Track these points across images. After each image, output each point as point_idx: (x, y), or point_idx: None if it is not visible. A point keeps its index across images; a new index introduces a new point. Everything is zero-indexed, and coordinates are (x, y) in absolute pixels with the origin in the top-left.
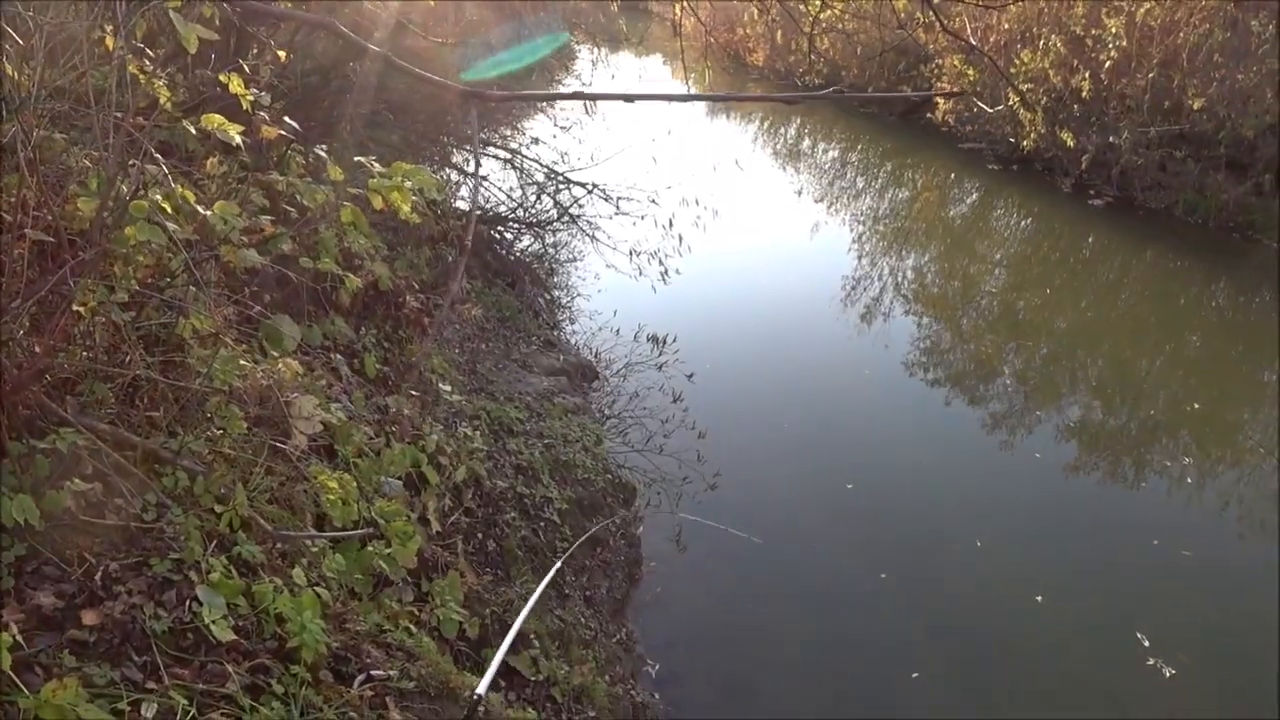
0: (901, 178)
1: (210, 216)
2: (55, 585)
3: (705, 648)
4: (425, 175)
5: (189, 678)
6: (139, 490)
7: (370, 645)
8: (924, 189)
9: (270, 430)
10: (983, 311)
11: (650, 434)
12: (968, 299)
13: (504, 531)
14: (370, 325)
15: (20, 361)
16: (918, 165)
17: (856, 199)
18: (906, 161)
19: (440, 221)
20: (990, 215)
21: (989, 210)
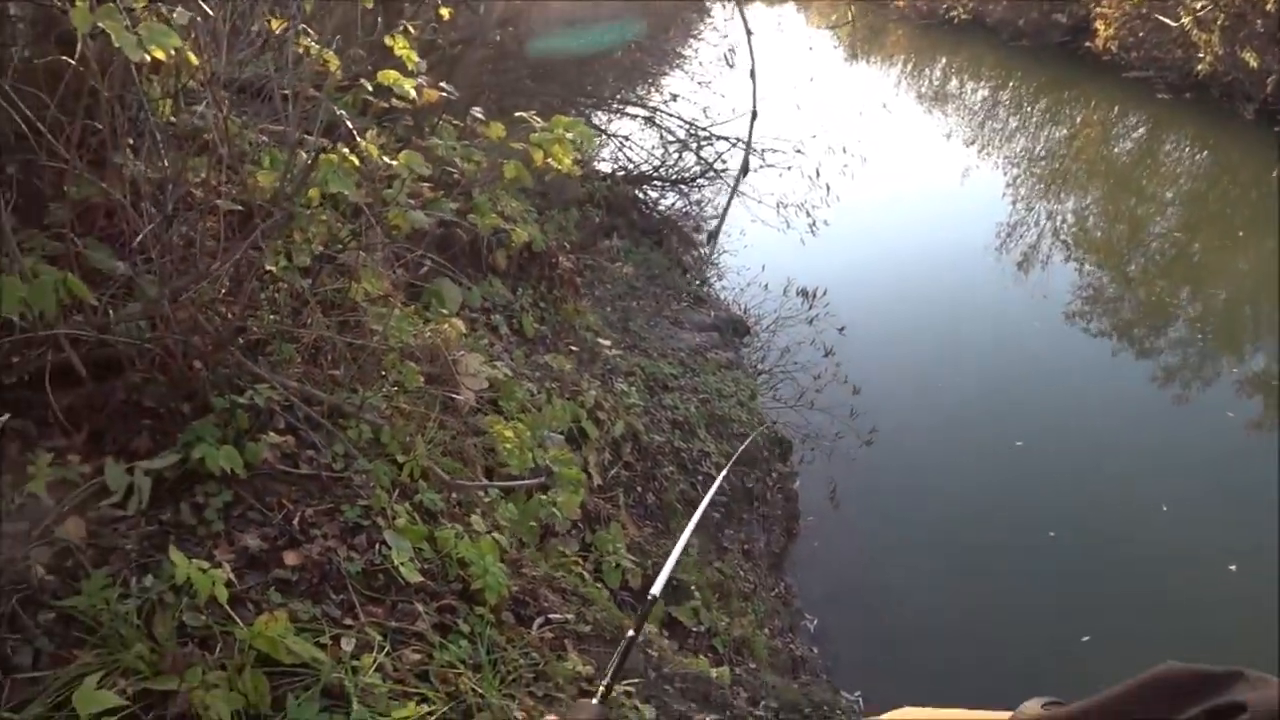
0: (1058, 114)
1: (397, 165)
2: (259, 529)
3: (863, 605)
4: (585, 128)
5: (382, 615)
6: (327, 442)
7: (546, 590)
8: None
9: (440, 387)
10: (1152, 255)
11: (803, 389)
12: (1135, 242)
13: (662, 485)
14: (526, 286)
15: (218, 323)
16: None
17: (1009, 140)
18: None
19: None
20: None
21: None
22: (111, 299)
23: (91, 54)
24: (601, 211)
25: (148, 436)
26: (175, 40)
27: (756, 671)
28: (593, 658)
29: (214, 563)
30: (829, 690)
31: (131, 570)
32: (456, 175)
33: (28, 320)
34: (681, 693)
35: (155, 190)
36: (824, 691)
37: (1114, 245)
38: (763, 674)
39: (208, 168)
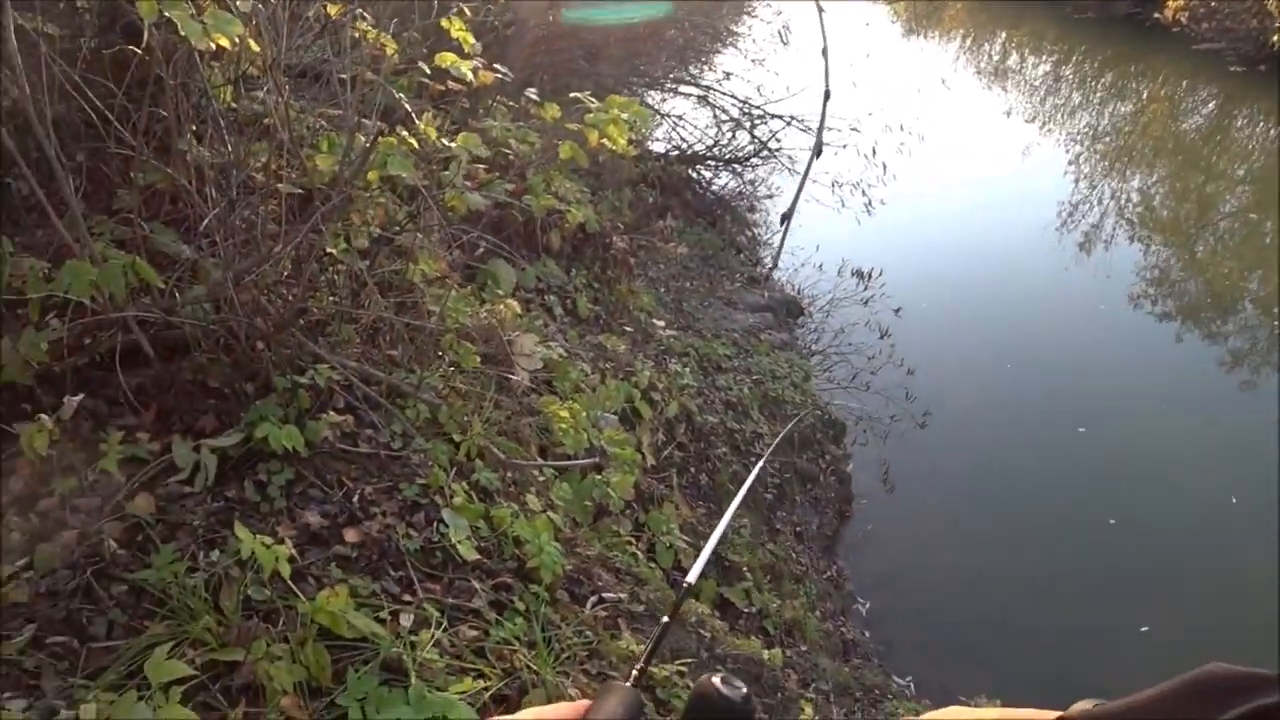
0: (1124, 89)
1: (455, 147)
2: (320, 506)
3: (916, 589)
4: (639, 108)
5: (440, 592)
6: (386, 421)
7: (600, 569)
8: (1151, 100)
9: (495, 367)
10: (1221, 236)
11: (857, 370)
12: (1203, 222)
13: (715, 466)
14: (579, 267)
15: (280, 304)
16: (1143, 73)
17: (1072, 116)
18: (1130, 70)
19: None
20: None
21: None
22: (177, 282)
23: (157, 43)
24: (655, 192)
25: (213, 415)
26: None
27: (808, 654)
28: (645, 636)
29: (277, 539)
30: (881, 674)
31: (199, 545)
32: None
33: (98, 303)
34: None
35: (218, 175)
36: (876, 675)
37: (1181, 225)
38: (814, 656)
39: (268, 152)
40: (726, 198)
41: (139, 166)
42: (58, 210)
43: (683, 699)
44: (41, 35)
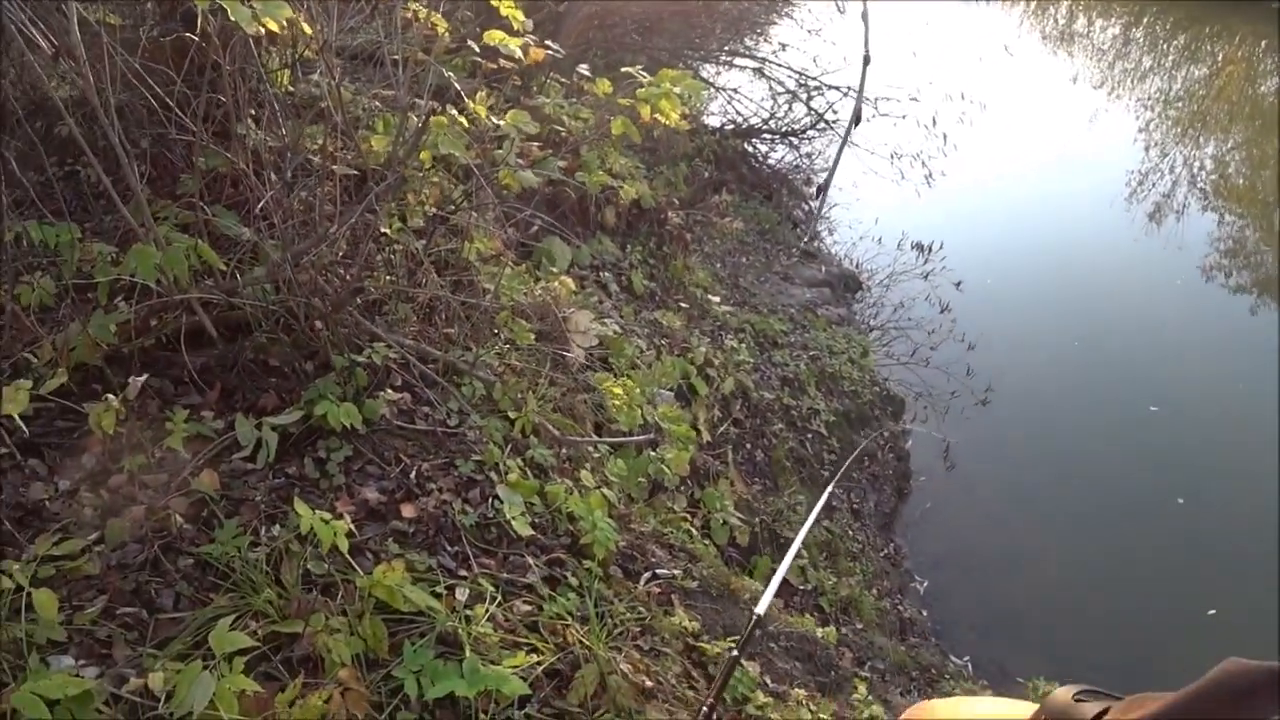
0: (1198, 51)
1: (504, 125)
2: (378, 482)
3: (975, 568)
4: (692, 81)
5: (494, 567)
6: (442, 399)
7: (654, 545)
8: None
9: (551, 344)
10: None
11: (916, 346)
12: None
13: (771, 442)
14: (635, 243)
15: (337, 284)
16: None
17: (1141, 81)
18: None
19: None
20: None
21: None
22: (238, 264)
23: (213, 30)
24: (710, 166)
25: (274, 394)
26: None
27: (863, 632)
28: (699, 613)
29: (335, 514)
30: (937, 654)
31: (260, 520)
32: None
33: (163, 286)
34: (786, 651)
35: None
36: (932, 654)
37: (1257, 194)
38: (869, 634)
39: (324, 134)
40: (783, 171)
41: (200, 151)
42: (123, 196)
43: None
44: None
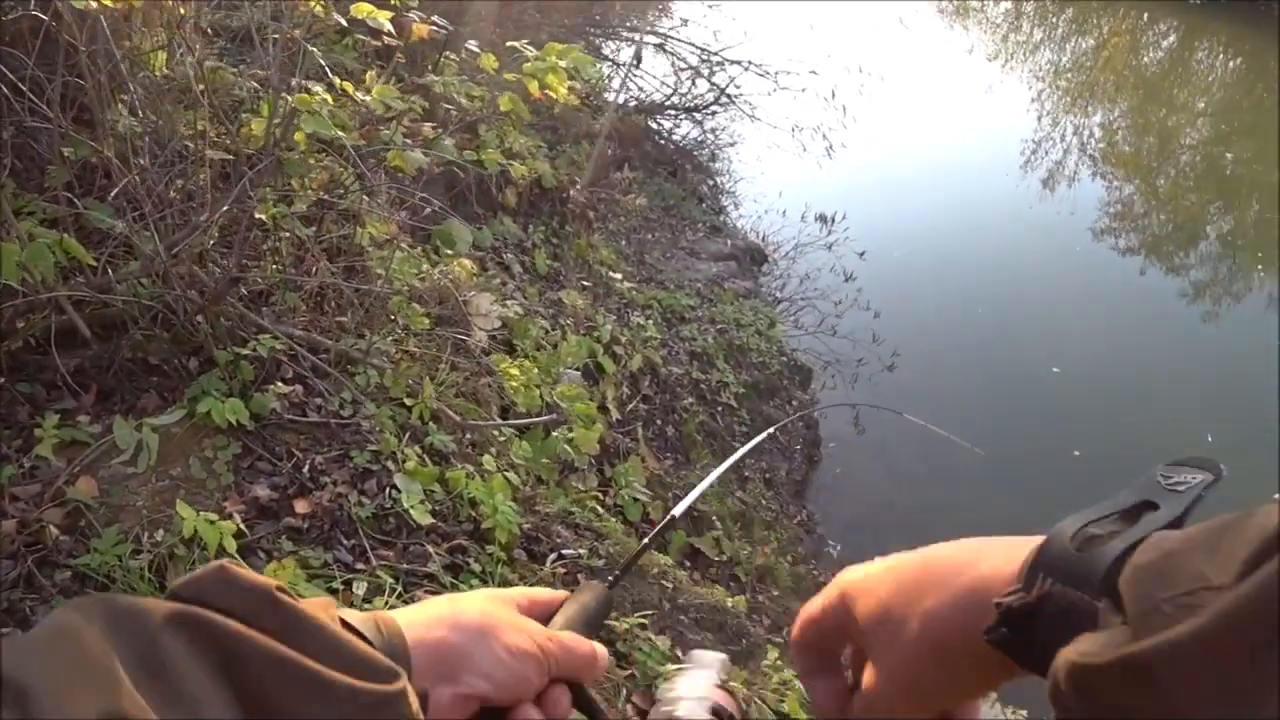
0: (1085, 24)
1: (370, 101)
2: (269, 479)
3: (887, 528)
4: (579, 54)
5: (394, 559)
6: (335, 389)
7: (559, 526)
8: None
9: (451, 328)
10: (1183, 169)
11: (823, 316)
12: (1165, 156)
13: (682, 417)
14: (537, 223)
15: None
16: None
17: (1033, 53)
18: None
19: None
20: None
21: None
22: (111, 258)
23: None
24: (614, 144)
25: (155, 393)
26: None
27: (780, 599)
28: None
29: (224, 514)
30: None
31: (143, 526)
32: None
33: (28, 285)
34: (696, 622)
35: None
36: None
37: (1143, 159)
38: (786, 601)
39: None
40: (687, 147)
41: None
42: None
43: (644, 652)
44: None
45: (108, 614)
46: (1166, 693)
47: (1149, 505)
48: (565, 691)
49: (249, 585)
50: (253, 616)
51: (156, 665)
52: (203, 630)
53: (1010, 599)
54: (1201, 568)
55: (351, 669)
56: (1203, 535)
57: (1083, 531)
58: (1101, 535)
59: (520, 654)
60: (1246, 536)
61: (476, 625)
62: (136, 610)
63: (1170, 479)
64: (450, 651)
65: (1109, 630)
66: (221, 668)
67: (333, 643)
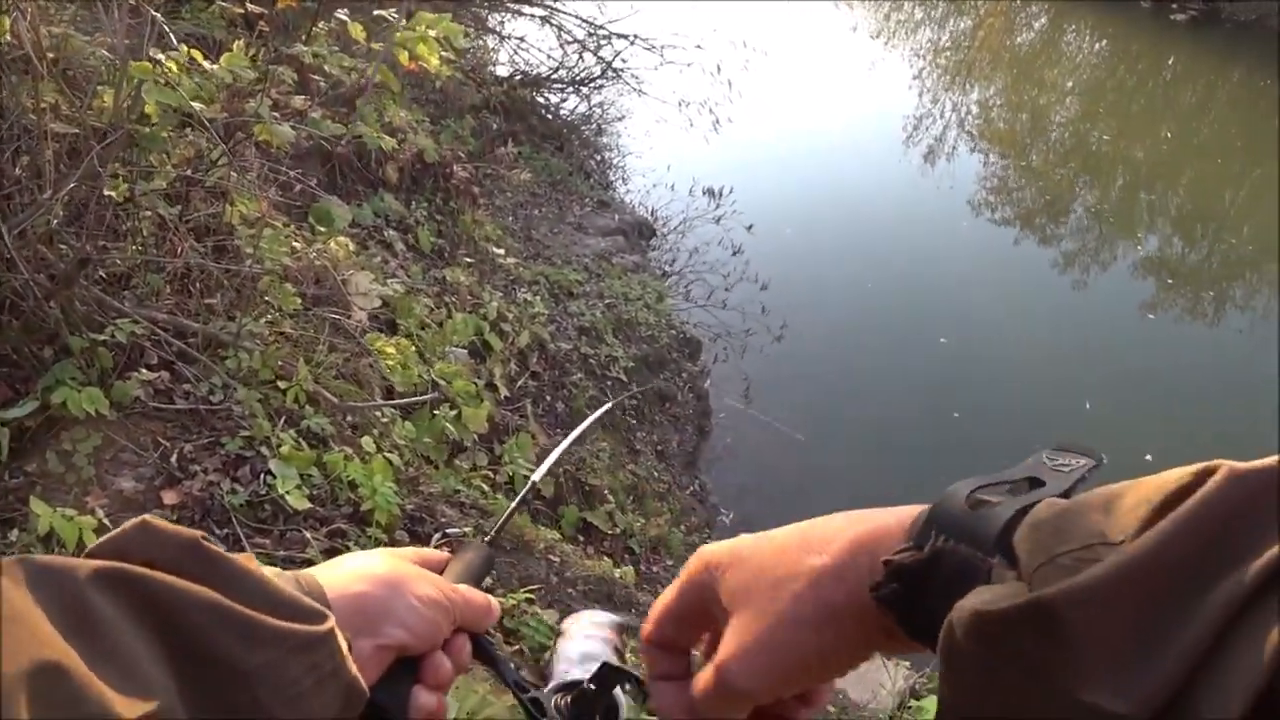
0: (963, 5)
1: (217, 70)
2: (134, 470)
3: (778, 494)
4: (449, 23)
5: (270, 546)
6: (204, 374)
7: (444, 505)
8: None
9: (329, 308)
10: (1053, 145)
11: (712, 289)
12: (1037, 132)
13: (571, 393)
14: (420, 199)
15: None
16: None
17: (914, 32)
18: None
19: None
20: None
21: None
22: None
23: None
24: (499, 118)
25: (5, 385)
26: None
27: (674, 568)
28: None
29: (85, 509)
30: None
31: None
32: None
33: None
34: (584, 594)
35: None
36: None
37: (1017, 135)
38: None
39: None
40: (574, 121)
41: None
42: None
43: (531, 626)
44: None
45: (28, 573)
46: (1071, 637)
47: (1035, 482)
48: (467, 640)
49: (172, 536)
50: (178, 566)
51: (83, 621)
52: (129, 584)
53: (902, 556)
54: (1098, 525)
55: (279, 612)
56: (1099, 498)
57: (974, 495)
58: (992, 501)
59: (432, 603)
60: (1145, 495)
61: (390, 578)
62: (58, 568)
63: (1055, 461)
64: (369, 603)
65: (1005, 584)
66: (151, 620)
67: (260, 588)
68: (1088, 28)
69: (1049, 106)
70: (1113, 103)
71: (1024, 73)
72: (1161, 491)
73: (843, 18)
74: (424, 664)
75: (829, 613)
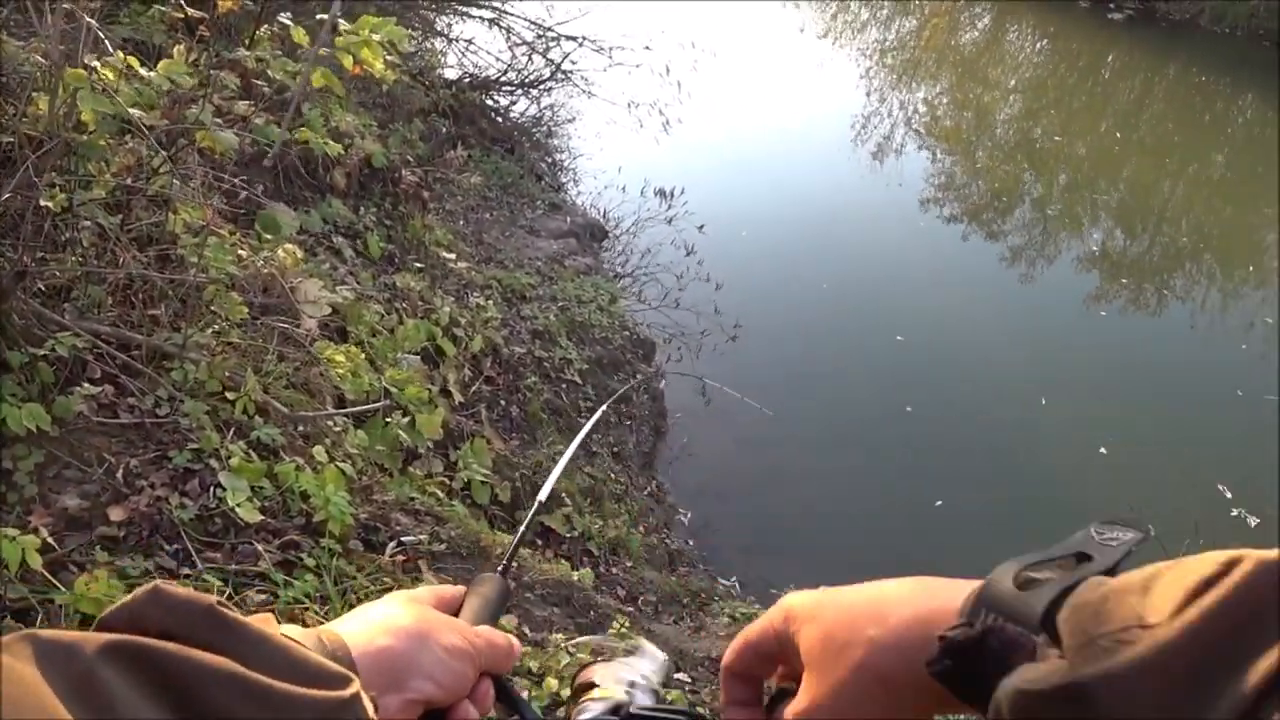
0: (908, 5)
1: (154, 77)
2: (79, 487)
3: (735, 494)
4: (394, 27)
5: (222, 560)
6: (150, 387)
7: (399, 514)
8: (932, 15)
9: (278, 317)
10: (998, 142)
11: (666, 289)
12: (982, 129)
13: (526, 396)
14: (369, 205)
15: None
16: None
17: (861, 32)
18: None
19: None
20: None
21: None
22: None
23: None
24: (448, 121)
25: None
26: None
27: (633, 569)
28: (450, 574)
29: (27, 528)
30: (706, 578)
31: None
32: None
33: None
34: (543, 598)
35: None
36: (701, 580)
37: (963, 133)
38: (639, 570)
39: None
40: (524, 124)
41: None
42: None
43: None
44: None
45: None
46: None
47: (1084, 557)
48: (490, 684)
49: (184, 602)
50: (192, 634)
51: (95, 697)
52: (141, 657)
53: (954, 633)
54: (1135, 608)
55: (301, 678)
56: (1137, 580)
57: (1022, 574)
58: (1040, 579)
59: (458, 653)
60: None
61: (415, 629)
62: (66, 643)
63: (1104, 535)
64: (395, 658)
65: (1047, 662)
66: (166, 694)
67: (278, 653)
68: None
69: (993, 104)
70: (1055, 99)
71: (968, 71)
72: (1195, 576)
73: (790, 18)
74: (451, 715)
75: (888, 683)
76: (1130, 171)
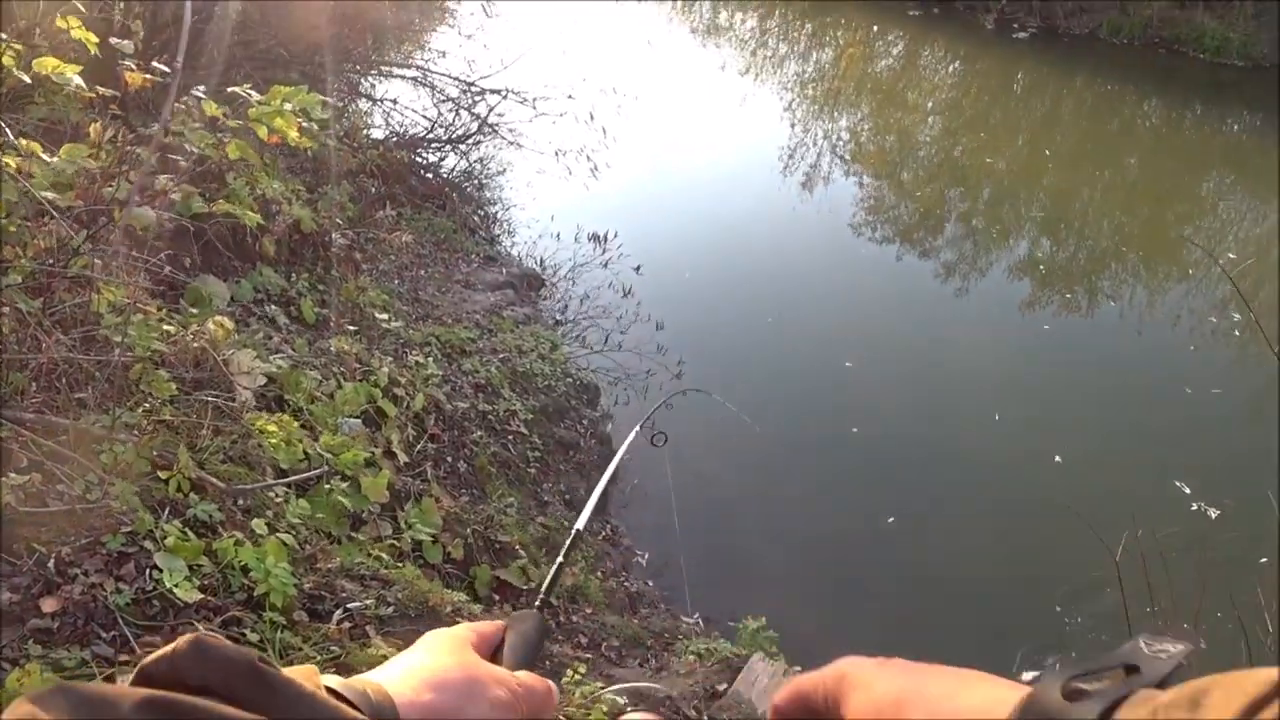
0: (823, 38)
1: (57, 162)
2: (8, 580)
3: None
4: (305, 95)
5: (161, 643)
6: (79, 472)
7: (344, 580)
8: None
9: (211, 391)
10: (922, 162)
11: (607, 332)
12: (905, 151)
13: (473, 451)
14: (300, 270)
15: None
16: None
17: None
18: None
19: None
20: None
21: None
22: None
23: None
24: (377, 181)
25: None
26: None
27: (594, 615)
28: (399, 636)
29: None
30: (669, 618)
31: None
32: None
33: None
34: None
35: None
36: (663, 620)
37: (887, 156)
38: (600, 616)
39: None
40: (454, 179)
41: None
42: None
43: None
44: None
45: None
46: None
47: (1132, 669)
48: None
49: (226, 657)
50: (232, 691)
51: None
52: (176, 715)
53: None
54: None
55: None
56: (1187, 693)
57: (1070, 685)
58: (1088, 690)
59: (504, 706)
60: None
61: (461, 684)
62: (102, 699)
63: (1153, 647)
64: (442, 713)
65: None
66: None
67: (320, 712)
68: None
69: (914, 126)
70: (971, 118)
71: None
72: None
73: (710, 57)
74: None
75: None
76: (1050, 180)
